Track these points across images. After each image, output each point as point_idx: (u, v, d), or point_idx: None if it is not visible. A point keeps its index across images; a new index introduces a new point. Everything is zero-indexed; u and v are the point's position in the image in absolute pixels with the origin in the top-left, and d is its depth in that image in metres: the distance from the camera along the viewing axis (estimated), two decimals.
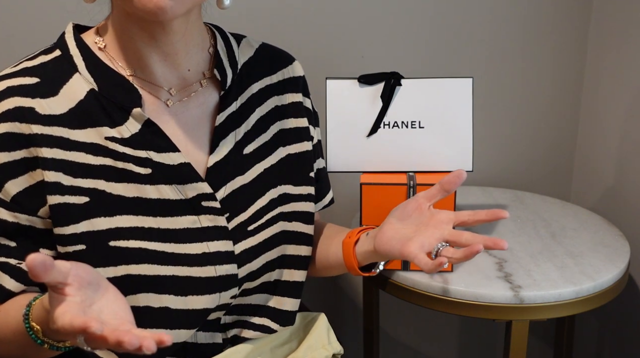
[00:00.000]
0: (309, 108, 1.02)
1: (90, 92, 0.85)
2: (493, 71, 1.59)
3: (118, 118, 0.85)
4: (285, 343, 1.02)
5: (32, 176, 0.82)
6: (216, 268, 0.88)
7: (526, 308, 1.12)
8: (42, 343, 0.77)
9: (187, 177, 0.87)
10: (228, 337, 0.96)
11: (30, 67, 0.85)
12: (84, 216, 0.83)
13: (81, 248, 0.83)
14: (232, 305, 0.94)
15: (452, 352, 1.80)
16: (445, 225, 0.82)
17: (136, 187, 0.85)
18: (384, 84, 1.16)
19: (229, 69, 0.94)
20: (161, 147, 0.86)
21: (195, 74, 0.91)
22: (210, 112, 0.92)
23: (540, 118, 1.66)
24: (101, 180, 0.84)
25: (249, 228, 0.92)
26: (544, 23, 1.58)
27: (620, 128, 1.52)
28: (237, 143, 0.93)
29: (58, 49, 0.87)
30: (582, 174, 1.69)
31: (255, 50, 0.99)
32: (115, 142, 0.85)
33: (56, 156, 0.82)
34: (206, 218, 0.88)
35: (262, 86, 0.97)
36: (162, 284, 0.85)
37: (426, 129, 1.16)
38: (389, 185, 1.13)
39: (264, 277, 0.95)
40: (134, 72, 0.87)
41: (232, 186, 0.91)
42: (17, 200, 0.82)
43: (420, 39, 1.54)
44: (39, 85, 0.84)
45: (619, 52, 1.52)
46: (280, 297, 0.98)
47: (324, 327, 1.04)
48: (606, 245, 1.29)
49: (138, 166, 0.85)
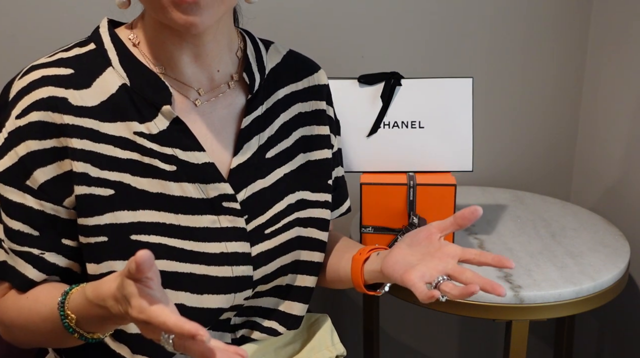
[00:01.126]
0: (332, 116, 1.03)
1: (122, 87, 0.86)
2: (493, 71, 1.59)
3: (147, 114, 0.86)
4: (289, 344, 1.03)
5: (60, 166, 0.83)
6: (233, 268, 0.89)
7: (526, 308, 1.12)
8: (73, 333, 0.79)
9: (210, 176, 0.88)
10: (237, 337, 0.96)
11: (65, 58, 0.86)
12: (108, 208, 0.84)
13: (103, 240, 0.84)
14: (244, 307, 0.95)
15: (452, 352, 1.80)
16: (450, 259, 0.82)
17: (160, 183, 0.86)
18: (384, 84, 1.16)
19: (257, 73, 0.95)
20: (187, 145, 0.87)
21: (223, 76, 0.92)
22: (236, 114, 0.93)
23: (540, 118, 1.66)
24: (127, 174, 0.85)
25: (266, 231, 0.93)
26: (544, 23, 1.58)
27: (621, 128, 1.52)
28: (260, 147, 0.94)
29: (93, 42, 0.89)
30: (582, 174, 1.69)
31: (283, 57, 1.00)
32: (143, 138, 0.86)
33: (85, 147, 0.83)
34: (226, 218, 0.89)
35: (288, 92, 0.98)
36: (180, 281, 0.86)
37: (426, 129, 1.16)
38: (389, 185, 1.13)
39: (276, 280, 0.96)
40: (164, 71, 0.89)
41: (252, 189, 0.92)
42: (45, 189, 0.83)
43: (420, 39, 1.54)
44: (73, 77, 0.85)
45: (619, 52, 1.51)
46: (291, 302, 0.98)
47: (328, 329, 1.05)
48: (606, 245, 1.29)
49: (164, 163, 0.86)
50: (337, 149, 1.05)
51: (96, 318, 0.76)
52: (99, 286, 0.74)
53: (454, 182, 1.12)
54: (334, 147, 1.03)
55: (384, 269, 0.87)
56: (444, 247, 0.84)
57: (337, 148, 1.05)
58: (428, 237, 0.85)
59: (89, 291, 0.76)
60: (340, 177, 1.07)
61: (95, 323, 0.78)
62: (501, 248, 1.27)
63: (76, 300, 0.78)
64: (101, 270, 0.84)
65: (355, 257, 0.96)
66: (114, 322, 0.76)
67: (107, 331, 0.80)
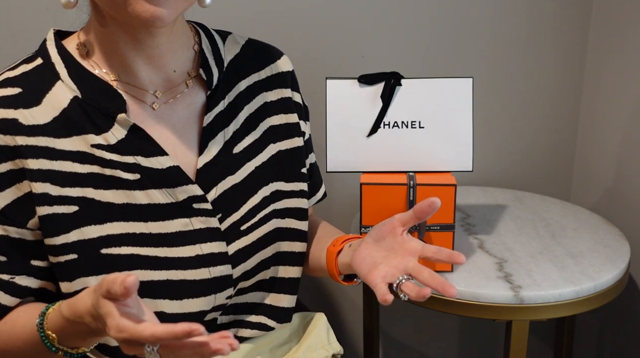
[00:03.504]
0: (299, 103, 1.01)
1: (74, 100, 0.84)
2: (493, 71, 1.59)
3: (103, 125, 0.84)
4: (285, 344, 1.02)
5: (19, 188, 0.82)
6: (210, 270, 0.88)
7: (526, 308, 1.12)
8: (57, 351, 0.78)
9: (176, 180, 0.87)
10: None
11: (12, 78, 0.84)
12: (74, 225, 0.83)
13: (73, 257, 0.83)
14: (229, 305, 0.94)
15: (452, 352, 1.80)
16: (411, 257, 0.82)
17: (125, 194, 0.85)
18: (384, 84, 1.16)
19: (215, 68, 0.93)
20: (149, 151, 0.86)
21: (180, 75, 0.90)
22: (197, 113, 0.91)
23: (540, 118, 1.66)
24: (89, 188, 0.83)
25: (242, 227, 0.92)
26: (544, 23, 1.58)
27: (621, 128, 1.52)
28: (227, 142, 0.92)
29: (39, 57, 0.87)
30: (582, 174, 1.69)
31: (242, 47, 0.98)
32: (102, 149, 0.84)
33: (42, 167, 0.82)
34: (198, 220, 0.88)
35: (250, 83, 0.96)
36: (157, 289, 0.85)
37: (426, 129, 1.16)
38: (389, 185, 1.13)
39: (259, 275, 0.95)
40: (118, 77, 0.86)
41: (223, 186, 0.91)
42: (6, 213, 0.82)
43: (420, 39, 1.54)
44: (22, 95, 0.83)
45: (619, 52, 1.51)
46: (277, 294, 0.98)
47: (324, 327, 1.04)
48: (606, 245, 1.29)
49: (126, 172, 0.85)
50: (307, 136, 1.04)
51: (77, 334, 0.76)
52: (73, 303, 0.73)
53: (454, 182, 1.12)
54: (305, 134, 1.02)
55: (353, 264, 0.87)
56: (406, 243, 0.83)
57: (308, 134, 1.04)
58: (392, 231, 0.85)
59: (64, 309, 0.75)
60: (313, 163, 1.06)
61: (77, 339, 0.77)
62: (501, 248, 1.27)
63: (53, 319, 0.77)
64: (75, 287, 0.83)
65: (329, 249, 0.96)
66: (95, 335, 0.75)
67: (90, 344, 0.79)
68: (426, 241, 1.14)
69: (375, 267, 0.82)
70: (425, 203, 0.82)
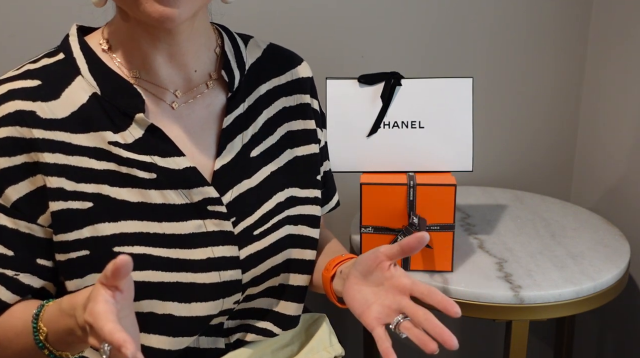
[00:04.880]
0: (317, 110, 1.01)
1: (93, 96, 0.84)
2: (493, 71, 1.59)
3: (121, 123, 0.84)
4: (287, 346, 1.01)
5: (33, 182, 0.81)
6: (220, 273, 0.87)
7: (526, 308, 1.12)
8: (43, 348, 0.77)
9: (192, 181, 0.86)
10: (231, 342, 0.94)
11: (32, 70, 0.84)
12: (88, 221, 0.82)
13: (85, 253, 0.82)
14: (236, 310, 0.93)
15: (452, 352, 1.80)
16: (401, 295, 0.78)
17: (140, 192, 0.84)
18: (384, 84, 1.16)
19: (237, 70, 0.92)
20: (166, 151, 0.85)
21: (201, 75, 0.90)
22: (217, 114, 0.90)
23: (540, 118, 1.66)
24: (105, 185, 0.83)
25: (255, 232, 0.90)
26: (545, 23, 1.58)
27: (621, 128, 1.52)
28: (244, 146, 0.91)
29: (62, 51, 0.86)
30: (582, 174, 1.69)
31: (263, 51, 0.98)
32: (119, 147, 0.83)
33: (58, 161, 0.81)
34: (212, 222, 0.87)
35: (270, 87, 0.96)
36: (166, 291, 0.84)
37: (426, 129, 1.16)
38: (389, 185, 1.13)
39: (268, 281, 0.94)
40: (139, 74, 0.86)
41: (238, 190, 0.90)
42: (18, 207, 0.81)
43: (420, 39, 1.54)
44: (41, 88, 0.82)
45: (619, 52, 1.51)
46: (285, 302, 0.96)
47: (326, 329, 1.03)
48: (606, 245, 1.29)
49: (142, 171, 0.84)
50: (323, 143, 1.03)
51: (64, 332, 0.75)
52: (75, 295, 0.73)
53: (454, 182, 1.12)
54: (321, 141, 1.01)
55: (346, 301, 0.85)
56: (395, 278, 0.79)
57: (324, 142, 1.04)
58: (378, 265, 0.80)
59: (65, 301, 0.74)
60: (327, 171, 1.05)
61: (63, 338, 0.76)
62: (501, 248, 1.27)
63: (50, 311, 0.76)
64: (86, 283, 0.83)
65: (323, 274, 0.94)
66: (80, 338, 0.73)
67: (74, 350, 0.78)
68: None
69: (368, 307, 0.80)
70: (414, 239, 0.77)
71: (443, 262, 1.17)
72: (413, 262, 1.18)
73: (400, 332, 0.77)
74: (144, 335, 0.83)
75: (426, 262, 1.17)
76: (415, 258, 1.17)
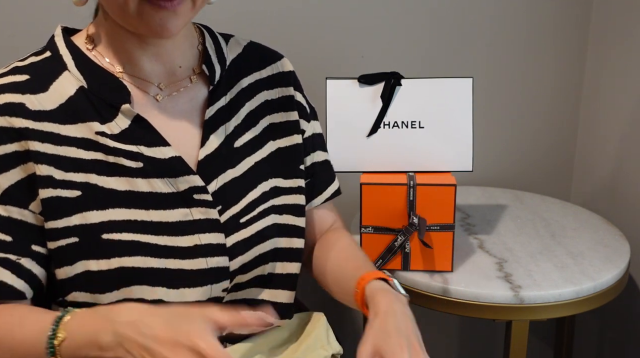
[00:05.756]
0: (300, 102, 1.03)
1: (80, 89, 0.87)
2: (493, 71, 1.59)
3: (107, 114, 0.86)
4: (284, 344, 1.02)
5: (23, 169, 0.83)
6: (207, 260, 0.89)
7: (526, 308, 1.12)
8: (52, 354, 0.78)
9: (178, 170, 0.88)
10: (223, 334, 0.95)
11: (20, 67, 0.87)
12: (76, 209, 0.84)
13: (74, 240, 0.84)
14: (227, 300, 0.94)
15: (452, 352, 1.80)
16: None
17: (128, 181, 0.86)
18: (384, 84, 1.16)
19: (217, 65, 0.95)
20: (151, 141, 0.88)
21: (185, 70, 0.93)
22: (200, 107, 0.93)
23: (540, 118, 1.66)
24: (93, 174, 0.85)
25: (241, 220, 0.93)
26: (545, 23, 1.58)
27: (620, 128, 1.52)
28: (228, 136, 0.94)
29: (48, 50, 0.89)
30: (582, 174, 1.69)
31: (244, 48, 1.01)
32: (106, 137, 0.86)
33: (47, 151, 0.84)
34: (198, 211, 0.89)
35: (252, 81, 0.99)
36: (155, 277, 0.86)
37: (426, 129, 1.16)
38: (389, 185, 1.13)
39: (257, 270, 0.95)
40: (123, 69, 0.89)
41: (223, 179, 0.92)
42: (10, 194, 0.83)
43: (420, 39, 1.54)
44: (29, 82, 0.85)
45: (619, 52, 1.51)
46: (275, 290, 0.98)
47: (323, 327, 1.04)
48: (606, 245, 1.29)
49: (129, 160, 0.86)
50: (312, 134, 1.04)
51: (84, 340, 0.76)
52: (117, 305, 0.76)
53: (454, 182, 1.12)
54: (306, 131, 1.03)
55: None
56: None
57: (315, 132, 1.05)
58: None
59: (102, 307, 0.78)
60: (321, 161, 1.06)
61: (80, 348, 0.77)
62: (501, 248, 1.27)
63: (78, 315, 0.78)
64: (75, 270, 0.84)
65: (355, 294, 0.96)
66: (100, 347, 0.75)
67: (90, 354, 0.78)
68: (426, 241, 1.14)
69: None
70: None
71: (443, 262, 1.17)
72: (413, 262, 1.18)
73: None
74: None
75: (426, 262, 1.17)
76: (415, 259, 1.17)
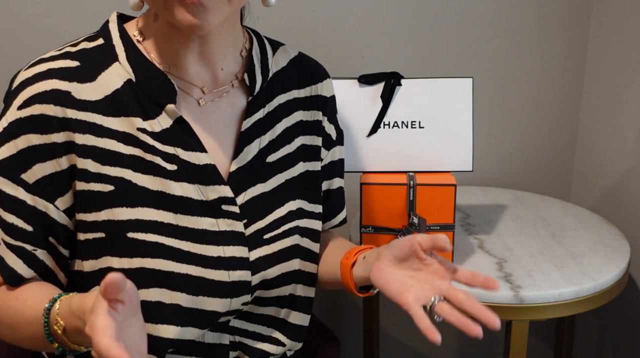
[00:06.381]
0: (326, 129, 1.01)
1: (127, 83, 0.86)
2: (493, 71, 1.59)
3: (151, 111, 0.86)
4: None
5: (58, 163, 0.83)
6: (230, 273, 0.88)
7: (526, 308, 1.12)
8: (52, 342, 0.79)
9: (210, 178, 0.88)
10: (236, 341, 0.95)
11: (72, 52, 0.86)
12: (107, 204, 0.84)
13: (100, 236, 0.84)
14: (244, 312, 0.93)
15: (452, 352, 1.80)
16: (441, 280, 0.80)
17: (161, 181, 0.85)
18: (384, 84, 1.16)
19: (259, 76, 0.94)
20: (189, 145, 0.87)
21: (227, 74, 0.92)
22: (238, 115, 0.92)
23: (540, 118, 1.66)
24: (129, 169, 0.85)
25: (265, 236, 0.92)
26: (545, 23, 1.58)
27: (621, 128, 1.52)
28: (261, 150, 0.93)
29: (101, 37, 0.88)
30: (582, 174, 1.69)
31: (290, 61, 0.99)
32: (146, 134, 0.85)
33: (87, 142, 0.83)
34: (224, 222, 0.88)
35: (290, 98, 0.97)
36: (175, 281, 0.85)
37: (426, 129, 1.16)
38: (389, 185, 1.13)
39: (279, 289, 0.94)
40: (169, 69, 0.88)
41: (252, 193, 0.91)
42: (40, 184, 0.83)
43: (420, 39, 1.54)
44: (78, 69, 0.84)
45: (619, 52, 1.52)
46: (292, 311, 0.97)
47: None
48: (606, 245, 1.29)
49: (165, 161, 0.86)
50: (331, 161, 1.03)
51: (75, 331, 0.76)
52: (84, 296, 0.74)
53: (454, 182, 1.12)
54: (324, 159, 1.02)
55: (375, 282, 0.85)
56: (435, 264, 0.82)
57: (334, 160, 1.04)
58: (414, 253, 0.82)
59: (74, 302, 0.75)
60: (336, 189, 1.05)
61: (75, 335, 0.77)
62: (501, 248, 1.27)
63: (63, 307, 0.77)
64: (99, 265, 0.84)
65: (342, 262, 0.94)
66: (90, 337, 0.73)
67: (87, 345, 0.78)
68: None
69: (406, 289, 0.81)
70: (440, 242, 0.80)
71: None
72: None
73: (435, 313, 0.79)
74: (150, 324, 0.84)
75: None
76: None
